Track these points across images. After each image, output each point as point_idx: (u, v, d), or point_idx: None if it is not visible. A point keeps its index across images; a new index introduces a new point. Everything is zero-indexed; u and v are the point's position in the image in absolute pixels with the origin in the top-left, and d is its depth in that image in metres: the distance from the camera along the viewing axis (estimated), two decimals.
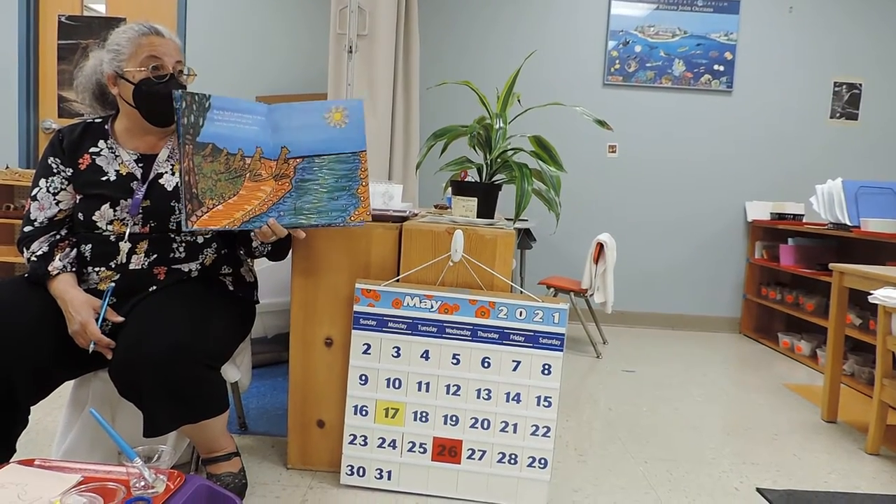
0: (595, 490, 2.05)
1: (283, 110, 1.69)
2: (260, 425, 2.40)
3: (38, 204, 1.73)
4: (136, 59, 1.71)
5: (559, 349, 1.86)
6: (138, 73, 1.70)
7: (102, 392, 1.80)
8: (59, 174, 1.75)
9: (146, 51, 1.71)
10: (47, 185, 1.74)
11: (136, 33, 1.73)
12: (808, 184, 4.64)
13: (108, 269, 1.71)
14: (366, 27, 3.17)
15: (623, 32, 4.63)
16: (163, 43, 1.74)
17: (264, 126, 1.67)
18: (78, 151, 1.76)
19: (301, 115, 1.70)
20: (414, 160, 3.51)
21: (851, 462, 2.39)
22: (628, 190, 4.76)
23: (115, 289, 1.70)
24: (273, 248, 1.84)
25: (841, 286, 2.77)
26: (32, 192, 1.75)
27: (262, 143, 1.67)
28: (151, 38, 1.73)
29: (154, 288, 1.73)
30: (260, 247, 1.82)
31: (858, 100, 4.67)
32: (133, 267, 1.71)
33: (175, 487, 1.27)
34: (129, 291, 1.71)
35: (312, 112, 1.71)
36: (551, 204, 2.16)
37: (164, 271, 1.74)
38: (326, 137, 1.71)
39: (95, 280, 1.72)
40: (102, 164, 1.75)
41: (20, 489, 1.24)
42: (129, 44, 1.71)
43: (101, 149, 1.77)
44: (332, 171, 1.71)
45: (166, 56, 1.74)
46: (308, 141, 1.70)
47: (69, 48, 4.71)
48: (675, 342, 4.37)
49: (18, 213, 4.50)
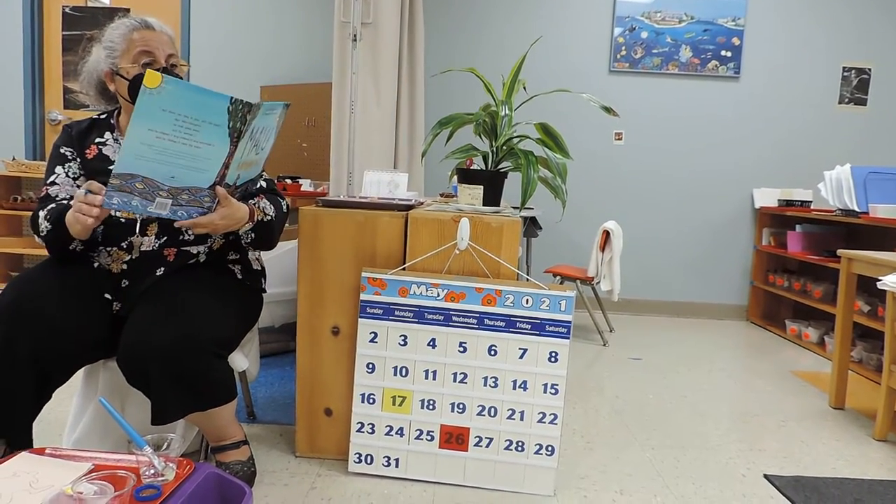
0: (602, 477, 2.06)
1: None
2: (268, 414, 2.41)
3: (58, 188, 1.76)
4: (128, 55, 1.73)
5: (566, 337, 1.86)
6: (132, 69, 1.73)
7: (112, 381, 1.81)
8: (74, 161, 1.79)
9: (138, 46, 1.73)
10: (65, 171, 1.78)
11: (128, 29, 1.75)
12: (816, 170, 4.61)
13: (119, 250, 1.75)
14: (370, 15, 3.15)
15: (629, 18, 4.59)
16: (154, 36, 1.76)
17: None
18: (85, 142, 1.81)
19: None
20: (419, 148, 3.50)
21: (860, 448, 2.39)
22: (634, 177, 4.74)
23: (126, 269, 1.74)
24: (255, 236, 1.84)
25: (849, 272, 2.76)
26: (50, 179, 1.77)
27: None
28: (143, 32, 1.75)
29: (163, 270, 1.76)
30: (244, 235, 1.82)
31: (867, 85, 4.63)
32: (144, 248, 1.75)
33: (185, 475, 1.28)
34: (140, 272, 1.74)
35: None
36: (557, 191, 2.15)
37: (173, 253, 1.78)
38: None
39: (107, 260, 1.75)
40: (109, 153, 1.80)
41: (32, 477, 1.25)
42: (122, 40, 1.74)
43: (107, 139, 1.82)
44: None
45: (157, 49, 1.75)
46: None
47: (74, 39, 4.71)
48: (681, 330, 4.37)
49: (26, 204, 4.52)
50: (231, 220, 1.66)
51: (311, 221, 1.97)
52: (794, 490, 1.99)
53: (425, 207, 2.18)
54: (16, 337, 1.54)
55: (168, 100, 1.38)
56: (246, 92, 4.61)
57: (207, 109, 1.43)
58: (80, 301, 1.65)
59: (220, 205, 1.61)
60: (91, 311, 1.67)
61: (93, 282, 1.72)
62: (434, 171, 4.54)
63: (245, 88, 4.63)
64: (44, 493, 1.18)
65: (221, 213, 1.62)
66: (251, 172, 1.69)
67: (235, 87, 4.66)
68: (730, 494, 1.97)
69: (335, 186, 3.27)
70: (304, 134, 4.32)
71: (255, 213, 1.78)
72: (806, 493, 1.97)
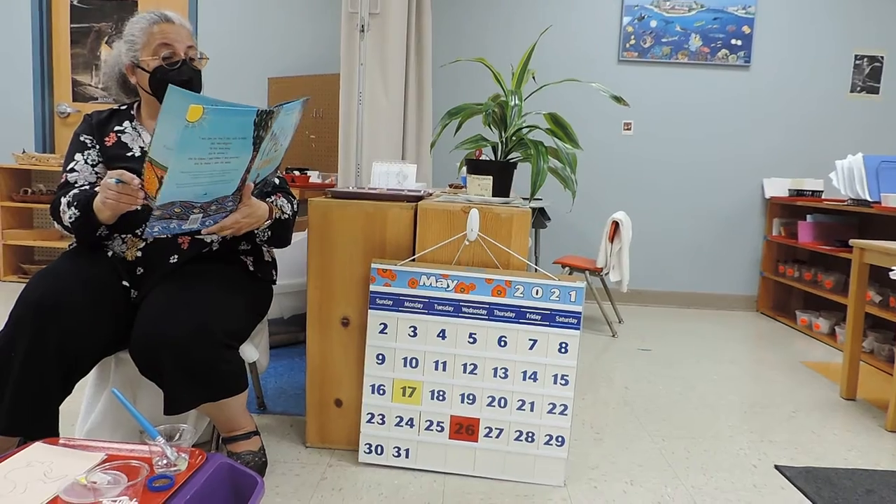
0: (612, 468, 2.05)
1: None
2: (278, 405, 2.42)
3: (77, 174, 1.78)
4: (149, 47, 1.77)
5: (576, 327, 1.85)
6: (152, 62, 1.77)
7: (124, 372, 1.83)
8: (93, 148, 1.82)
9: (158, 39, 1.77)
10: (84, 157, 1.81)
11: (148, 22, 1.79)
12: (827, 159, 4.57)
13: (134, 237, 1.76)
14: (378, 5, 3.14)
15: (638, 7, 4.55)
16: (173, 29, 1.80)
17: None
18: (105, 130, 1.84)
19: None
20: (427, 139, 3.49)
21: (871, 439, 2.38)
22: (644, 167, 4.72)
23: (140, 256, 1.76)
24: (272, 234, 1.87)
25: (861, 263, 2.74)
26: (69, 166, 1.80)
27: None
28: (162, 25, 1.79)
29: (176, 258, 1.77)
30: (260, 233, 1.86)
31: (880, 73, 4.58)
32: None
33: (197, 465, 1.29)
34: (154, 259, 1.76)
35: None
36: (567, 182, 2.14)
37: (187, 241, 1.79)
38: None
39: (122, 248, 1.76)
40: (127, 141, 1.82)
41: (46, 467, 1.26)
42: (142, 33, 1.78)
43: (126, 128, 1.85)
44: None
45: (177, 42, 1.79)
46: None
47: (82, 32, 4.71)
48: (691, 320, 4.35)
49: (36, 196, 4.54)
50: (253, 217, 1.70)
51: (320, 213, 1.97)
52: (805, 481, 1.98)
53: (434, 198, 2.17)
54: (44, 333, 1.55)
55: (208, 128, 1.38)
56: (253, 83, 4.61)
57: (238, 127, 1.44)
58: (104, 294, 1.66)
59: (242, 203, 1.64)
60: (114, 303, 1.68)
61: (112, 272, 1.73)
62: (443, 162, 4.53)
63: (253, 80, 4.63)
64: (58, 482, 1.19)
65: (244, 212, 1.66)
66: (270, 168, 1.72)
67: (243, 78, 4.66)
68: (741, 485, 1.97)
69: (343, 178, 3.26)
70: (312, 125, 4.32)
71: (273, 211, 1.82)
72: (818, 484, 1.96)
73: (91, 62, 4.75)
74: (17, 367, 1.54)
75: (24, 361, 1.54)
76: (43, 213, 4.79)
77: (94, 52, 4.74)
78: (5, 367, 1.55)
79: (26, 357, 1.54)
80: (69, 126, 4.80)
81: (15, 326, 1.56)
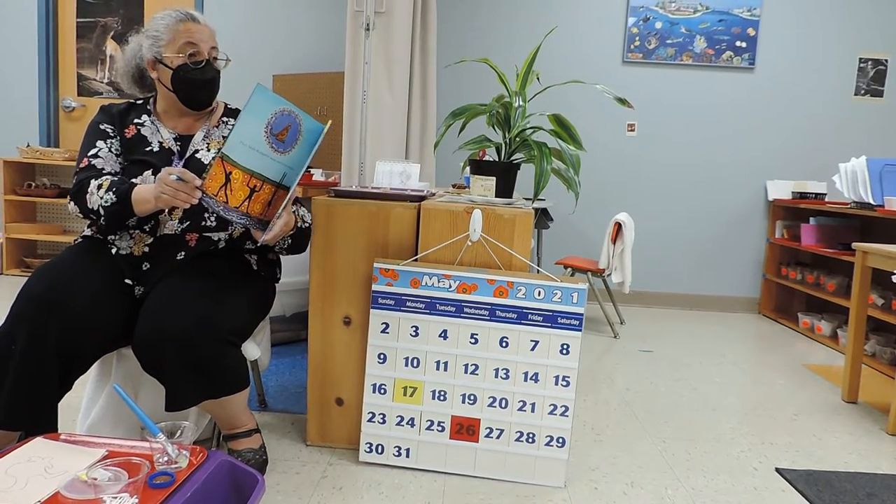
0: (612, 469, 2.05)
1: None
2: (279, 403, 2.43)
3: (101, 160, 1.77)
4: (174, 45, 1.79)
5: (577, 329, 1.85)
6: (176, 59, 1.79)
7: (126, 368, 1.83)
8: (115, 138, 1.82)
9: (183, 37, 1.79)
10: (108, 146, 1.81)
11: (174, 20, 1.80)
12: (830, 162, 4.56)
13: (142, 232, 1.77)
14: (383, 4, 3.14)
15: (643, 9, 4.54)
16: (199, 29, 1.82)
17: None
18: (125, 121, 1.85)
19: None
20: (431, 139, 3.49)
21: (872, 442, 2.38)
22: (647, 169, 4.71)
23: (147, 252, 1.76)
24: (292, 241, 1.90)
25: (864, 266, 2.73)
26: (91, 152, 1.78)
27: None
28: (188, 24, 1.81)
29: (183, 255, 1.77)
30: (281, 241, 1.88)
31: (884, 76, 4.56)
32: (167, 231, 1.76)
33: (198, 462, 1.29)
34: (161, 255, 1.76)
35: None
36: (571, 183, 2.14)
37: (195, 238, 1.79)
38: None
39: (129, 243, 1.77)
40: (147, 135, 1.83)
41: (47, 463, 1.26)
42: (168, 30, 1.79)
43: (145, 122, 1.85)
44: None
45: (202, 42, 1.82)
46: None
47: (88, 26, 4.72)
48: (693, 322, 4.35)
49: (40, 190, 4.55)
50: (287, 227, 1.75)
51: (323, 211, 1.97)
52: (806, 484, 1.98)
53: (437, 198, 2.17)
54: (45, 328, 1.55)
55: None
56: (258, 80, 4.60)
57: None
58: (107, 291, 1.66)
59: (285, 209, 1.68)
60: (117, 301, 1.68)
61: (116, 269, 1.73)
62: (446, 162, 4.53)
63: (258, 77, 4.62)
64: (58, 478, 1.20)
65: (285, 219, 1.70)
66: (295, 173, 1.76)
67: (248, 75, 4.65)
68: (741, 488, 1.97)
69: (347, 176, 3.27)
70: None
71: (296, 220, 1.85)
72: (818, 487, 1.96)
73: (96, 57, 4.76)
74: (16, 361, 1.54)
75: (23, 355, 1.54)
76: (46, 208, 4.80)
77: (100, 46, 4.74)
78: (4, 361, 1.55)
79: (26, 351, 1.54)
80: (74, 120, 4.80)
81: (15, 320, 1.56)
